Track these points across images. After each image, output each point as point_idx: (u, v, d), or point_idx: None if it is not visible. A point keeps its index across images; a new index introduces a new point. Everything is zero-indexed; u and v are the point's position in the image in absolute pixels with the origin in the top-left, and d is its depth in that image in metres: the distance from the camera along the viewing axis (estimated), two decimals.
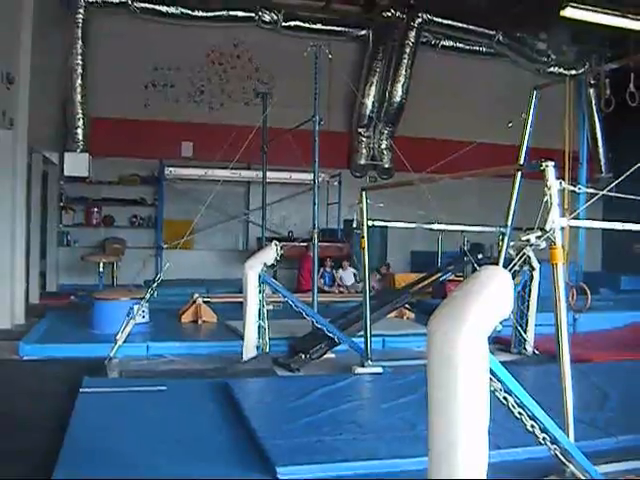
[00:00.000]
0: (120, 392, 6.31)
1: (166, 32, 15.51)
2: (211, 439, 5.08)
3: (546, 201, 4.10)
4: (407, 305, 10.70)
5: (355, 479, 4.39)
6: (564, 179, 4.22)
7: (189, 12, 15.06)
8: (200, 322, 10.59)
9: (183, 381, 7.05)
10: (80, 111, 14.35)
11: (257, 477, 4.36)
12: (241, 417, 5.54)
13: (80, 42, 14.15)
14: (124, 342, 7.87)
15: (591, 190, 4.82)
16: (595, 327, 10.66)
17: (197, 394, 6.38)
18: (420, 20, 16.20)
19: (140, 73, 16.10)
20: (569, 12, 13.72)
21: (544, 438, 3.83)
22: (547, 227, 4.09)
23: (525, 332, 8.93)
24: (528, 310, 8.89)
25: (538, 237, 4.11)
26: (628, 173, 4.88)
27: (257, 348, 8.07)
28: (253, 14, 15.58)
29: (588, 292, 9.68)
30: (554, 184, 4.12)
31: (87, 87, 14.43)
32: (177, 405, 5.95)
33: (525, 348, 8.98)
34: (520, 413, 3.72)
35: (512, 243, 4.28)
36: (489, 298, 3.11)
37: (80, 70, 14.21)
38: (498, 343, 9.15)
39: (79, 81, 14.24)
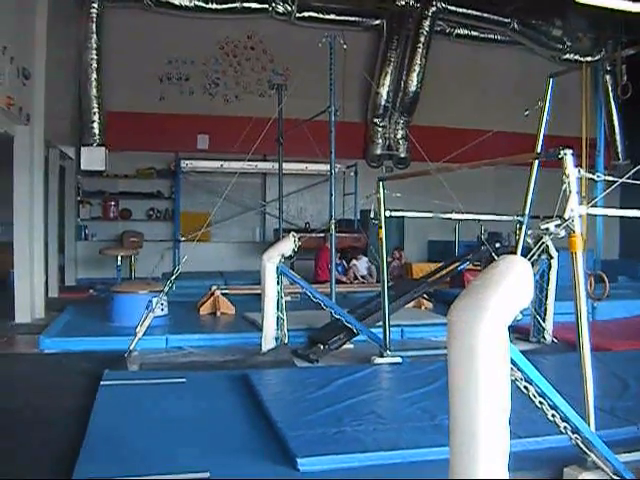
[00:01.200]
0: (140, 384, 6.34)
1: (180, 25, 15.55)
2: (231, 430, 5.09)
3: (565, 189, 4.08)
4: (425, 295, 10.69)
5: (376, 469, 4.37)
6: (582, 167, 4.20)
7: (202, 4, 15.07)
8: (218, 314, 10.62)
9: (202, 373, 7.06)
10: (96, 105, 14.41)
11: (278, 468, 4.36)
12: (261, 408, 5.56)
13: (95, 36, 14.20)
14: (143, 335, 7.91)
15: (609, 178, 4.78)
16: (614, 315, 10.63)
17: (217, 386, 6.40)
18: (434, 9, 16.14)
19: (155, 66, 16.13)
20: None
21: (565, 427, 3.83)
22: (566, 215, 4.07)
23: (544, 321, 8.91)
24: (547, 299, 8.86)
25: (557, 225, 4.08)
26: None
27: (276, 339, 8.09)
28: (267, 5, 15.57)
29: (606, 280, 9.63)
30: (573, 172, 4.10)
31: (102, 81, 14.49)
32: (197, 397, 5.96)
33: (544, 337, 8.96)
34: (541, 402, 3.71)
35: (530, 232, 4.25)
36: (509, 288, 3.10)
37: (95, 64, 14.26)
38: (517, 332, 9.12)
39: (94, 75, 14.29)
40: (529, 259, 4.75)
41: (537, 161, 8.37)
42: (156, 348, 8.40)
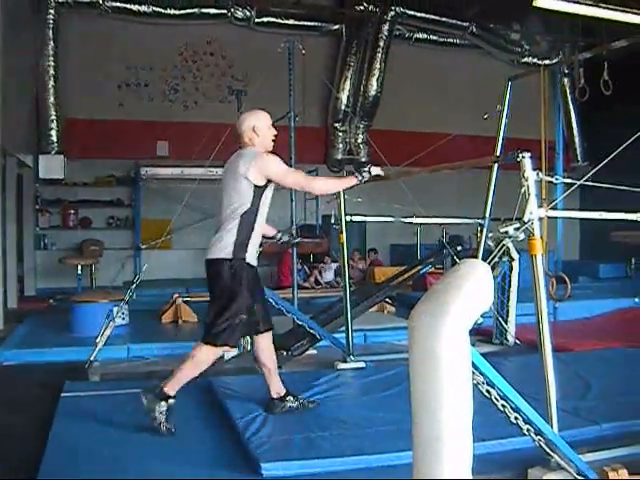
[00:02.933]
0: (101, 395, 6.28)
1: (138, 31, 15.42)
2: (195, 438, 5.06)
3: (524, 192, 4.10)
4: (388, 299, 10.70)
5: (340, 475, 4.36)
6: (541, 169, 4.22)
7: (161, 10, 14.95)
8: (180, 322, 10.54)
9: None
10: (54, 113, 14.22)
11: (242, 474, 4.35)
12: (225, 415, 5.54)
13: (52, 43, 14.02)
14: (104, 345, 7.81)
15: (567, 180, 4.82)
16: (575, 315, 10.77)
17: (179, 394, 6.26)
18: (393, 13, 16.21)
19: (113, 73, 16.00)
20: (541, 2, 13.75)
21: (528, 429, 3.86)
22: (525, 218, 4.09)
23: (506, 323, 8.97)
24: (508, 301, 8.93)
25: (516, 229, 4.10)
26: (604, 162, 4.90)
27: (238, 347, 8.03)
28: (225, 11, 15.51)
29: (568, 281, 9.73)
30: (531, 175, 4.12)
31: (60, 88, 14.31)
32: None
33: (506, 339, 9.01)
34: (504, 405, 3.73)
35: (491, 234, 4.27)
36: (470, 291, 3.11)
37: (52, 71, 14.07)
38: (479, 334, 9.18)
39: (52, 82, 14.10)
40: (490, 262, 4.75)
41: (496, 164, 8.42)
42: (117, 358, 8.28)
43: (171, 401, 5.18)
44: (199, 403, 6.04)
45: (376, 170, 5.62)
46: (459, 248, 9.81)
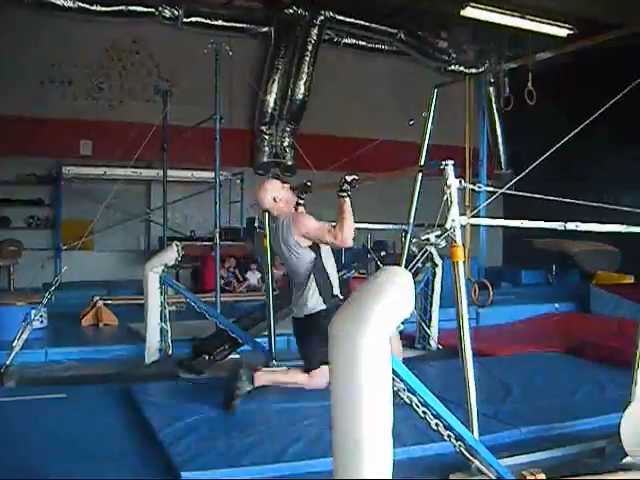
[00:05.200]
0: (18, 401, 6.10)
1: (63, 27, 15.05)
2: (114, 446, 4.96)
3: (446, 199, 4.13)
4: None
5: None
6: (465, 176, 4.26)
7: (87, 6, 14.57)
8: (101, 325, 10.34)
9: (84, 387, 6.88)
10: None
11: None
12: (144, 422, 5.44)
13: None
14: (21, 349, 7.58)
15: (490, 189, 4.88)
16: (498, 320, 10.93)
17: (98, 400, 6.22)
18: (322, 18, 16.23)
19: (36, 69, 15.57)
20: (469, 12, 14.02)
21: (449, 435, 3.88)
22: (447, 225, 4.12)
23: (429, 328, 9.05)
24: (431, 306, 9.02)
25: (438, 236, 4.13)
26: (526, 172, 4.97)
27: (160, 351, 7.93)
28: (153, 9, 15.27)
29: (490, 287, 9.88)
30: (454, 183, 4.15)
31: None
32: (77, 412, 5.78)
33: (429, 343, 9.10)
34: (424, 412, 3.75)
35: (414, 240, 4.30)
36: (390, 299, 3.11)
37: None
38: (402, 339, 9.20)
39: None
40: (413, 267, 4.78)
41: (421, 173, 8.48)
42: (35, 362, 8.08)
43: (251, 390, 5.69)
44: (119, 409, 5.90)
45: (350, 177, 5.71)
46: (383, 253, 9.87)
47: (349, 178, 5.60)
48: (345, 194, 5.55)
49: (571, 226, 4.85)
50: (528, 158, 5.38)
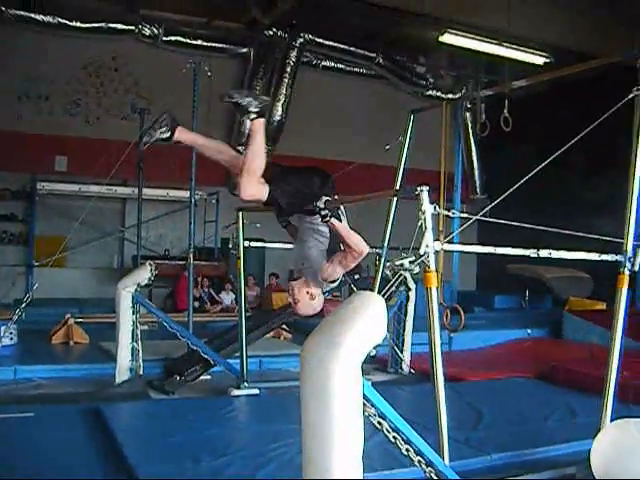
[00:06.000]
0: None
1: (42, 42, 14.99)
2: (81, 466, 4.88)
3: (420, 225, 4.13)
4: (284, 325, 10.65)
5: None
6: (440, 200, 4.28)
7: (66, 22, 14.53)
8: (72, 343, 10.21)
9: (52, 406, 6.80)
10: None
11: None
12: (113, 443, 5.36)
13: None
14: None
15: (464, 215, 4.90)
16: (470, 345, 10.96)
17: (67, 420, 6.13)
18: (302, 40, 16.28)
19: (13, 83, 15.49)
20: (447, 38, 14.15)
21: (419, 461, 3.85)
22: (421, 251, 4.12)
23: (402, 352, 9.05)
24: (404, 330, 9.02)
25: (412, 262, 4.13)
26: (500, 198, 4.99)
27: (130, 370, 7.86)
28: (133, 27, 15.26)
29: (462, 313, 9.89)
30: (428, 209, 4.16)
31: None
32: (45, 432, 5.69)
33: (402, 367, 9.09)
34: (395, 437, 3.72)
35: (388, 264, 4.30)
36: (362, 325, 3.11)
37: None
38: (375, 363, 9.22)
39: None
40: (387, 291, 4.77)
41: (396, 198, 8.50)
42: (3, 380, 7.98)
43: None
44: (87, 430, 5.82)
45: (320, 203, 5.50)
46: (356, 277, 9.84)
47: (320, 204, 5.44)
48: (329, 218, 5.28)
49: (544, 253, 4.89)
50: (503, 184, 5.41)
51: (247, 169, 4.64)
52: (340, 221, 4.60)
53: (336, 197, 4.65)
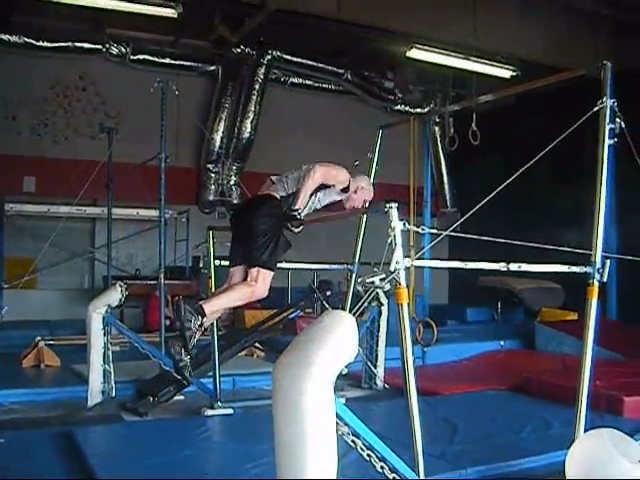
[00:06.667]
0: None
1: (8, 62, 14.87)
2: None
3: (390, 242, 4.14)
4: (258, 343, 10.61)
5: None
6: (410, 215, 4.30)
7: (33, 42, 14.47)
8: (43, 366, 10.07)
9: (23, 432, 6.71)
10: None
11: None
12: (86, 468, 5.27)
13: None
14: None
15: (433, 231, 4.92)
16: (444, 359, 10.96)
17: (38, 445, 6.04)
18: (269, 57, 16.33)
19: None
20: (415, 53, 14.25)
21: (394, 478, 3.84)
22: (391, 268, 4.12)
23: (375, 367, 9.03)
24: (377, 345, 9.00)
25: (382, 279, 4.13)
26: (469, 214, 5.01)
27: (103, 393, 7.76)
28: (100, 46, 15.22)
29: (434, 327, 9.93)
30: (397, 226, 4.17)
31: None
32: (16, 458, 5.59)
33: (376, 383, 9.07)
34: (369, 455, 3.71)
35: (360, 280, 4.31)
36: (333, 344, 3.10)
37: None
38: (349, 379, 9.20)
39: None
40: (359, 307, 4.78)
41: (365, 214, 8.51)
42: None
43: (205, 321, 5.64)
44: (59, 455, 5.73)
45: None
46: (328, 293, 9.85)
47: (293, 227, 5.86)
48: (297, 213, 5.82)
49: (514, 267, 4.92)
50: (474, 196, 5.44)
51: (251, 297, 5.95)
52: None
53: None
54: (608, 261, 5.03)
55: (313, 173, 6.11)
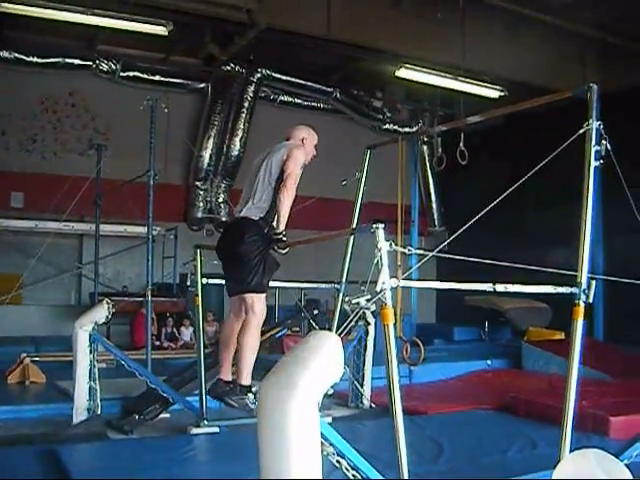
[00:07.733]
0: None
1: None
2: None
3: (377, 262, 4.14)
4: None
5: None
6: (398, 235, 4.30)
7: (23, 57, 14.46)
8: (28, 383, 10.03)
9: (7, 449, 6.65)
10: None
11: None
12: None
13: None
14: None
15: (419, 252, 4.93)
16: (431, 378, 10.98)
17: (22, 463, 5.99)
18: (259, 75, 16.39)
19: None
20: (403, 72, 14.34)
21: None
22: (377, 288, 4.12)
23: (362, 386, 9.02)
24: (364, 364, 8.99)
25: (369, 300, 4.13)
26: (454, 236, 5.03)
27: (88, 410, 7.72)
28: (91, 62, 15.22)
29: (421, 346, 9.93)
30: (384, 246, 4.17)
31: None
32: (0, 477, 5.57)
33: (362, 402, 9.05)
34: (354, 475, 3.71)
35: (347, 299, 4.31)
36: (318, 365, 3.11)
37: None
38: (336, 398, 9.18)
39: None
40: (346, 325, 4.77)
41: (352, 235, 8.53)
42: None
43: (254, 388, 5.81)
44: (44, 473, 5.69)
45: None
46: (315, 312, 9.85)
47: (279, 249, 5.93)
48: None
49: (500, 288, 4.93)
50: (462, 215, 5.45)
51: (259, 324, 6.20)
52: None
53: None
54: (594, 282, 5.04)
55: (286, 192, 6.38)
